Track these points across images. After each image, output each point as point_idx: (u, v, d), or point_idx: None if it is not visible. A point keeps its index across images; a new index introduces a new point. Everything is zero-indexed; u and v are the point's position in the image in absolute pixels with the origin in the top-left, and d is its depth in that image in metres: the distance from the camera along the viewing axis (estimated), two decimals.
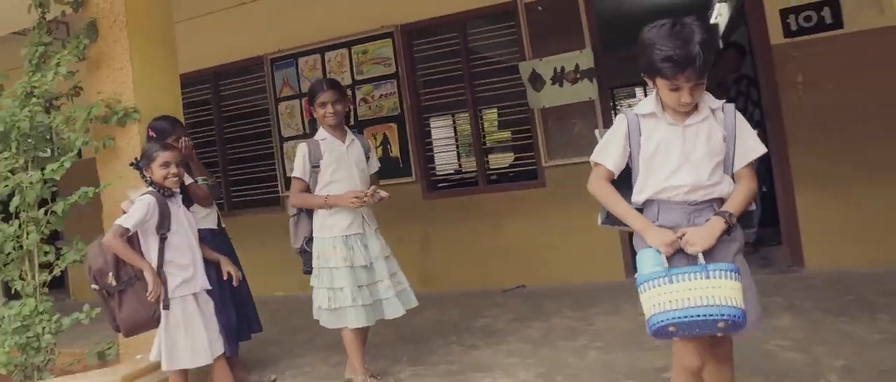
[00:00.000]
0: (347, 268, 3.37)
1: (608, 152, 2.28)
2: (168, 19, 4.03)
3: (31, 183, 3.49)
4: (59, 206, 3.54)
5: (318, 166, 3.51)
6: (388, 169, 5.60)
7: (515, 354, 3.77)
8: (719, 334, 2.09)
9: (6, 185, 3.52)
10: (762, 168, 5.00)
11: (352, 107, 5.84)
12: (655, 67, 2.08)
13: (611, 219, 2.38)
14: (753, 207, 2.28)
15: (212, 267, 3.42)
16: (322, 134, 3.57)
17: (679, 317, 1.99)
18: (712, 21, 8.50)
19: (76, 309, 3.61)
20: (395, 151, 5.89)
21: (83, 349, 3.86)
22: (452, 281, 5.62)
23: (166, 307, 3.14)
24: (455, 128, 7.63)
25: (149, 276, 3.09)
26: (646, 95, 4.11)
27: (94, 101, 3.68)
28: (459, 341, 4.17)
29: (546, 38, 5.40)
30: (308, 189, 3.52)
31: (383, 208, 3.57)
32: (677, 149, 2.18)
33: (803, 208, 4.82)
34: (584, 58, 5.20)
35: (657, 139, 2.20)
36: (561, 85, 5.27)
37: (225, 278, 3.42)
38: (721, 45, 7.58)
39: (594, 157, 2.32)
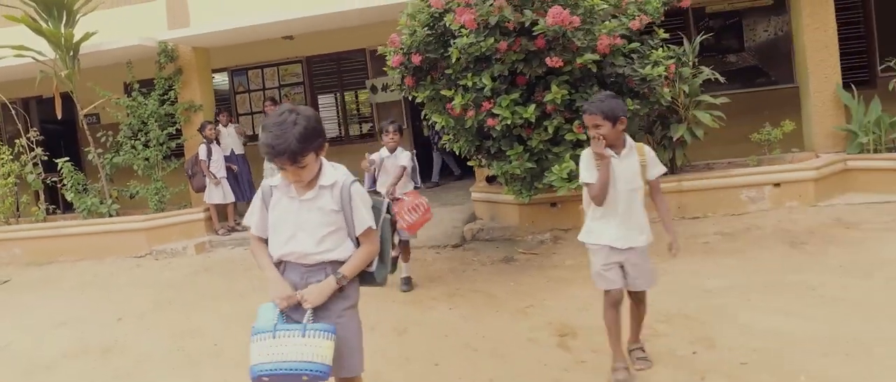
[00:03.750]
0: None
1: (252, 219, 2.63)
2: (209, 61, 9.28)
3: (159, 133, 8.69)
4: (172, 143, 8.82)
5: None
6: None
7: None
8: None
9: (148, 137, 8.70)
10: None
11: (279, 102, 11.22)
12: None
13: None
14: (373, 267, 2.60)
15: (233, 171, 8.92)
16: None
17: (270, 370, 2.33)
18: None
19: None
20: None
21: (173, 208, 9.12)
22: None
23: (217, 182, 8.55)
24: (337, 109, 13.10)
25: (206, 170, 8.47)
26: None
27: (183, 101, 8.91)
28: None
29: (379, 68, 10.98)
30: None
31: None
32: (292, 220, 2.50)
33: None
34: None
35: (279, 210, 2.54)
36: (385, 91, 10.90)
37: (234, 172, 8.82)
38: None
39: (245, 220, 2.79)
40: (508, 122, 5.57)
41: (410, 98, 6.20)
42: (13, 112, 9.14)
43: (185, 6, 8.98)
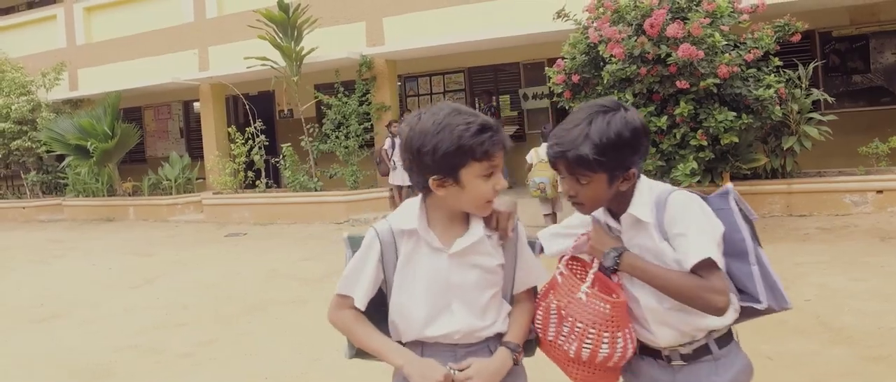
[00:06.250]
0: None
1: (357, 282, 1.72)
2: (396, 71, 11.52)
3: (357, 127, 11.00)
4: (367, 135, 11.13)
5: None
6: None
7: None
8: None
9: (349, 130, 11.04)
10: None
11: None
12: (466, 145, 1.55)
13: (364, 352, 1.79)
14: (531, 334, 1.83)
15: None
16: None
17: None
18: None
19: None
20: None
21: (363, 188, 11.43)
22: None
23: (394, 168, 10.70)
24: (491, 113, 15.14)
25: (386, 159, 10.64)
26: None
27: (376, 102, 11.20)
28: None
29: (530, 79, 12.82)
30: None
31: None
32: (443, 286, 1.68)
33: None
34: (544, 89, 12.63)
35: (419, 269, 1.70)
36: (534, 99, 12.71)
37: None
38: None
39: (340, 288, 1.76)
40: None
41: (567, 107, 7.98)
42: (246, 106, 11.82)
43: (381, 28, 11.29)
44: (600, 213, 1.79)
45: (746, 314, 1.73)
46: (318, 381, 4.15)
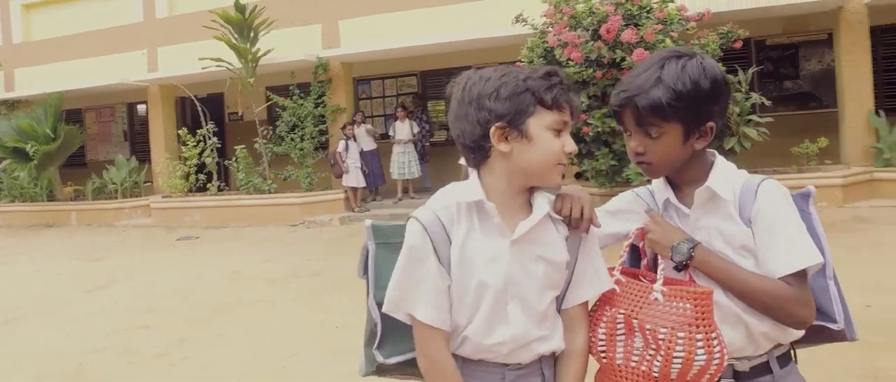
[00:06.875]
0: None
1: (419, 295, 1.35)
2: (351, 73, 11.57)
3: (312, 129, 11.01)
4: (322, 137, 11.14)
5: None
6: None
7: None
8: None
9: (304, 132, 11.04)
10: None
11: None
12: (534, 87, 1.32)
13: (383, 370, 1.51)
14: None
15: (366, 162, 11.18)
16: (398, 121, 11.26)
17: None
18: None
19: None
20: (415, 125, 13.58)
21: (318, 190, 11.43)
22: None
23: (347, 171, 10.76)
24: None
25: (340, 161, 10.74)
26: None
27: (331, 105, 11.23)
28: None
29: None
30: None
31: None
32: (501, 279, 1.34)
33: None
34: None
35: (478, 262, 1.35)
36: None
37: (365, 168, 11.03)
38: None
39: (417, 312, 1.36)
40: (599, 130, 7.53)
41: None
42: (199, 108, 11.66)
43: (337, 30, 11.34)
44: (660, 185, 1.51)
45: (813, 335, 1.50)
46: (298, 376, 4.23)
